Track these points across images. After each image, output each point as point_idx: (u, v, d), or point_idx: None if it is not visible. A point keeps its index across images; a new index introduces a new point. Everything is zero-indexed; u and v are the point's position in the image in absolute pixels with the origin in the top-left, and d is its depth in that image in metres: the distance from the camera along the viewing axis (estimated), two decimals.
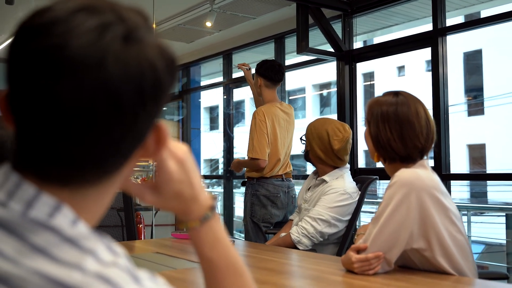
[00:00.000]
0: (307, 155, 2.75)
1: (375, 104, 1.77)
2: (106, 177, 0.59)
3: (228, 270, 0.80)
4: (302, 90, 18.60)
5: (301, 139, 2.86)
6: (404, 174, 1.64)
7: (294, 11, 4.30)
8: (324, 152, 2.65)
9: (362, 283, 1.54)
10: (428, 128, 1.72)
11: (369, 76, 16.72)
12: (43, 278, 0.50)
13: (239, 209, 7.90)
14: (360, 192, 2.64)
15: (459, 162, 14.05)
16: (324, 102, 18.68)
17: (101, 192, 0.60)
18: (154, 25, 4.34)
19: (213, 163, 14.98)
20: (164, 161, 0.73)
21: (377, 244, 1.61)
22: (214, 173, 14.19)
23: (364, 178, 2.75)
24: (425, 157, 1.75)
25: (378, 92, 16.37)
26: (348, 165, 2.73)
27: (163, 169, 0.73)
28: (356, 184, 2.71)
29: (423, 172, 1.66)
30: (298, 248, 2.52)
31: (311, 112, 18.35)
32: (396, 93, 1.76)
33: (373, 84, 16.91)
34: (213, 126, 18.38)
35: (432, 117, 1.76)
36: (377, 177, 2.73)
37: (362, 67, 4.46)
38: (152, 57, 0.56)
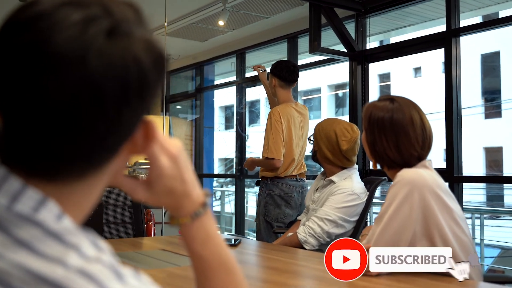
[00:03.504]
0: (315, 156, 2.75)
1: (372, 109, 1.76)
2: (93, 171, 0.59)
3: (219, 267, 0.79)
4: (318, 90, 18.54)
5: (309, 139, 2.86)
6: (406, 173, 1.64)
7: (307, 11, 4.29)
8: (332, 152, 2.64)
9: (364, 284, 1.53)
10: (424, 135, 1.72)
11: (385, 77, 16.60)
12: (25, 272, 0.50)
13: (251, 208, 7.90)
14: (368, 193, 2.63)
15: (475, 165, 13.90)
16: (339, 102, 18.60)
17: (88, 187, 0.60)
18: (165, 23, 4.31)
19: (227, 162, 15.01)
20: (156, 157, 0.72)
21: (380, 243, 1.60)
22: (229, 172, 14.21)
23: (373, 179, 2.73)
24: (427, 158, 1.74)
25: (395, 93, 16.25)
26: (356, 166, 2.72)
27: (155, 165, 0.73)
28: (365, 185, 2.69)
29: (425, 171, 1.66)
30: (304, 248, 2.51)
31: (326, 112, 18.28)
32: (391, 100, 1.76)
33: (389, 85, 16.79)
34: (228, 125, 18.40)
35: (428, 122, 1.75)
36: (386, 178, 2.71)
37: (377, 68, 4.45)
38: (137, 52, 0.56)
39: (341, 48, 4.52)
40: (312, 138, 2.79)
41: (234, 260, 0.82)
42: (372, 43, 4.75)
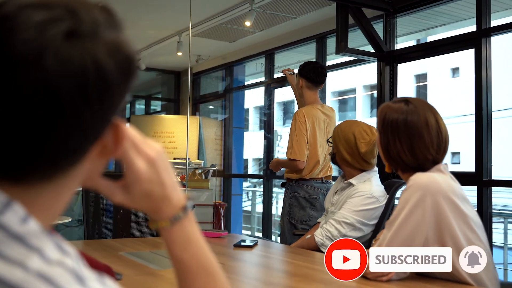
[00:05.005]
0: (334, 158, 2.72)
1: (387, 111, 1.73)
2: (60, 174, 0.59)
3: (200, 271, 0.79)
4: (353, 91, 18.39)
5: (328, 141, 2.83)
6: (419, 177, 1.60)
7: (335, 11, 4.25)
8: (351, 155, 2.60)
9: None
10: (439, 138, 1.67)
11: (421, 77, 16.32)
12: None
13: (280, 209, 7.87)
14: (388, 196, 2.58)
15: None
16: (373, 102, 18.38)
17: (56, 190, 0.60)
18: (190, 25, 4.32)
19: (260, 162, 15.02)
20: (131, 160, 0.72)
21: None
22: (261, 173, 14.22)
23: (393, 182, 2.68)
24: (442, 162, 1.70)
25: (431, 93, 15.96)
26: (376, 168, 2.67)
27: (131, 169, 0.73)
28: (386, 188, 2.64)
29: (439, 176, 1.62)
30: (322, 251, 2.48)
31: (361, 113, 18.10)
32: (406, 101, 1.72)
33: (426, 85, 16.49)
34: (261, 125, 18.42)
35: (445, 125, 1.70)
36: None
37: (414, 68, 4.38)
38: (98, 54, 0.55)
39: (370, 48, 4.46)
40: (331, 140, 2.76)
41: (216, 264, 0.81)
42: (405, 43, 4.66)
